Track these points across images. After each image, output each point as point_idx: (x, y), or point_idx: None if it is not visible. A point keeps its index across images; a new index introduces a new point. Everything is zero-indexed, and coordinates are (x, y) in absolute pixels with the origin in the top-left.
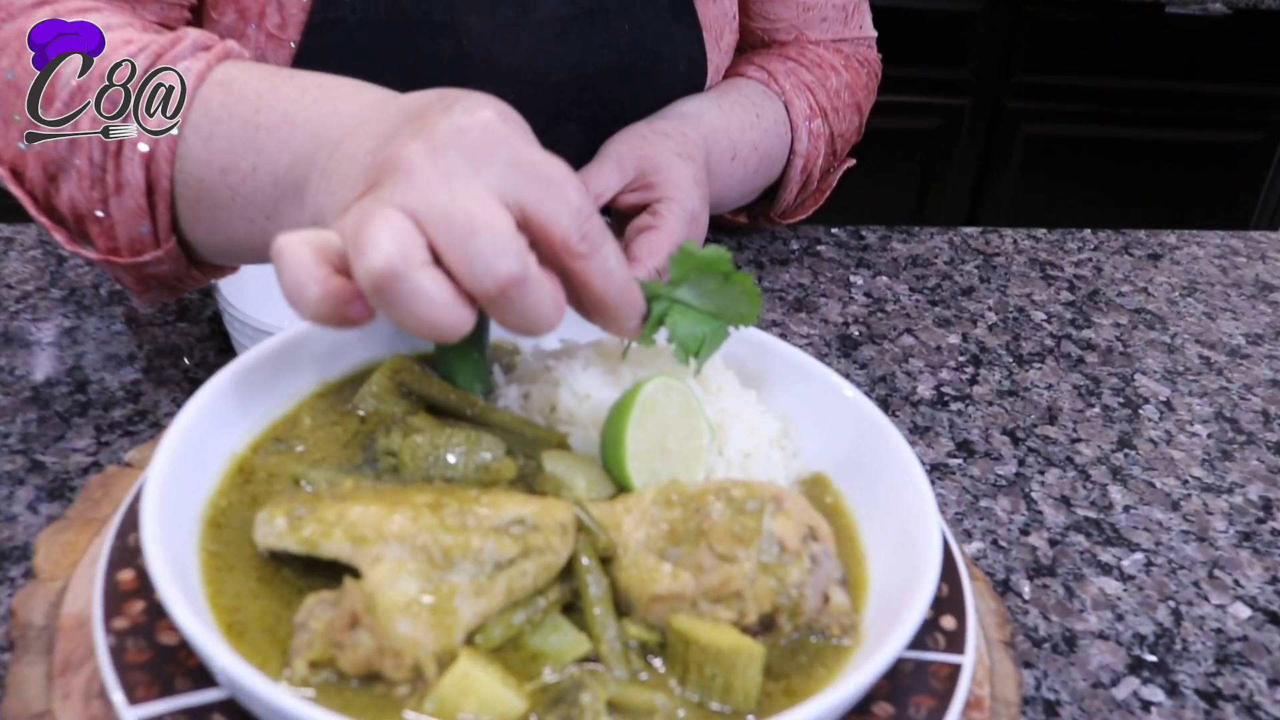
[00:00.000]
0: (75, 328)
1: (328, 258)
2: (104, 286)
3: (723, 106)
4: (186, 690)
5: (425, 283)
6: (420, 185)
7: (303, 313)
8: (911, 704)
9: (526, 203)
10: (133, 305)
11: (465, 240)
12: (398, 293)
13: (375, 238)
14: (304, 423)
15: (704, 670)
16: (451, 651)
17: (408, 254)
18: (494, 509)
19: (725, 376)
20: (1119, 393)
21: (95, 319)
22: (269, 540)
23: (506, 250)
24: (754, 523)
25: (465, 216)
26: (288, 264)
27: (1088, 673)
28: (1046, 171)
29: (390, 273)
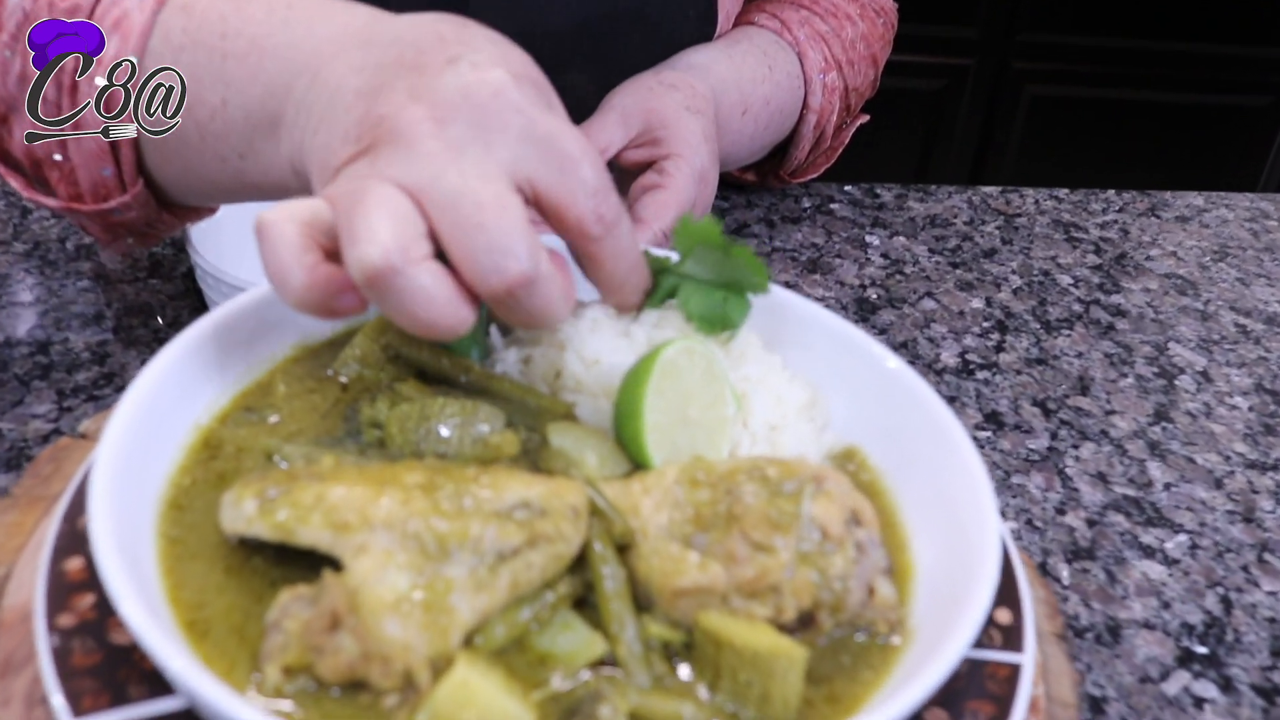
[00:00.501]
0: (38, 284)
1: (315, 238)
2: (70, 240)
3: (733, 57)
4: (141, 699)
5: (425, 279)
6: (423, 160)
7: (287, 300)
8: (967, 711)
9: (539, 182)
10: (101, 261)
11: (472, 234)
12: (394, 289)
13: (372, 225)
14: (278, 390)
15: (738, 676)
16: (447, 655)
17: (407, 247)
18: (495, 490)
19: (747, 340)
20: (1153, 362)
21: (60, 275)
22: (237, 526)
23: (517, 248)
24: (792, 506)
25: (474, 206)
26: (272, 247)
27: (1134, 666)
28: (1051, 134)
29: (387, 268)
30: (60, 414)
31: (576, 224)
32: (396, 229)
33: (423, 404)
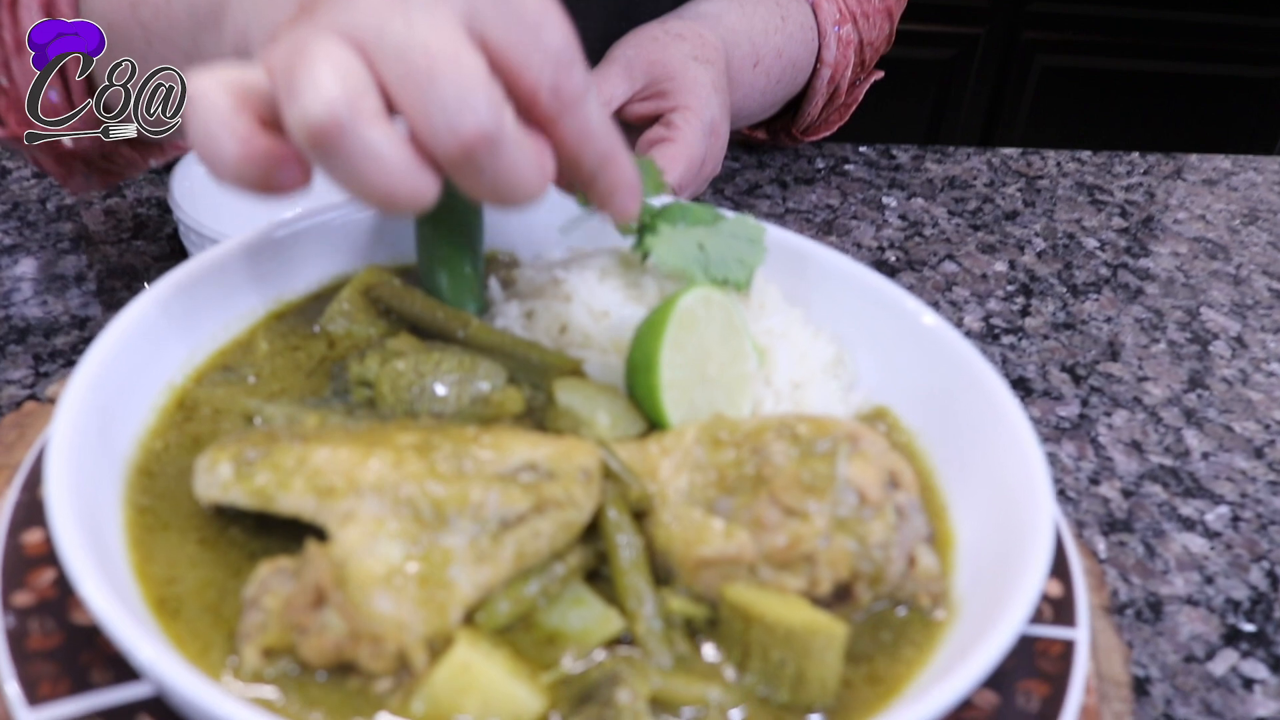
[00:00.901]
0: (16, 246)
1: (251, 105)
2: (51, 201)
3: (745, 7)
4: (106, 685)
5: (376, 138)
6: (367, 9)
7: (218, 175)
8: (1019, 692)
9: (493, 38)
10: (83, 222)
11: (424, 86)
12: (342, 149)
13: (314, 76)
14: (259, 347)
15: (770, 655)
16: (446, 634)
17: (354, 99)
18: (498, 451)
19: (767, 291)
20: (1185, 327)
21: (40, 236)
22: (211, 492)
23: (474, 101)
24: (826, 467)
25: (424, 53)
26: (199, 114)
27: (1178, 644)
28: (1061, 104)
29: (333, 124)
30: (36, 379)
31: (530, 92)
32: (341, 80)
33: (416, 360)
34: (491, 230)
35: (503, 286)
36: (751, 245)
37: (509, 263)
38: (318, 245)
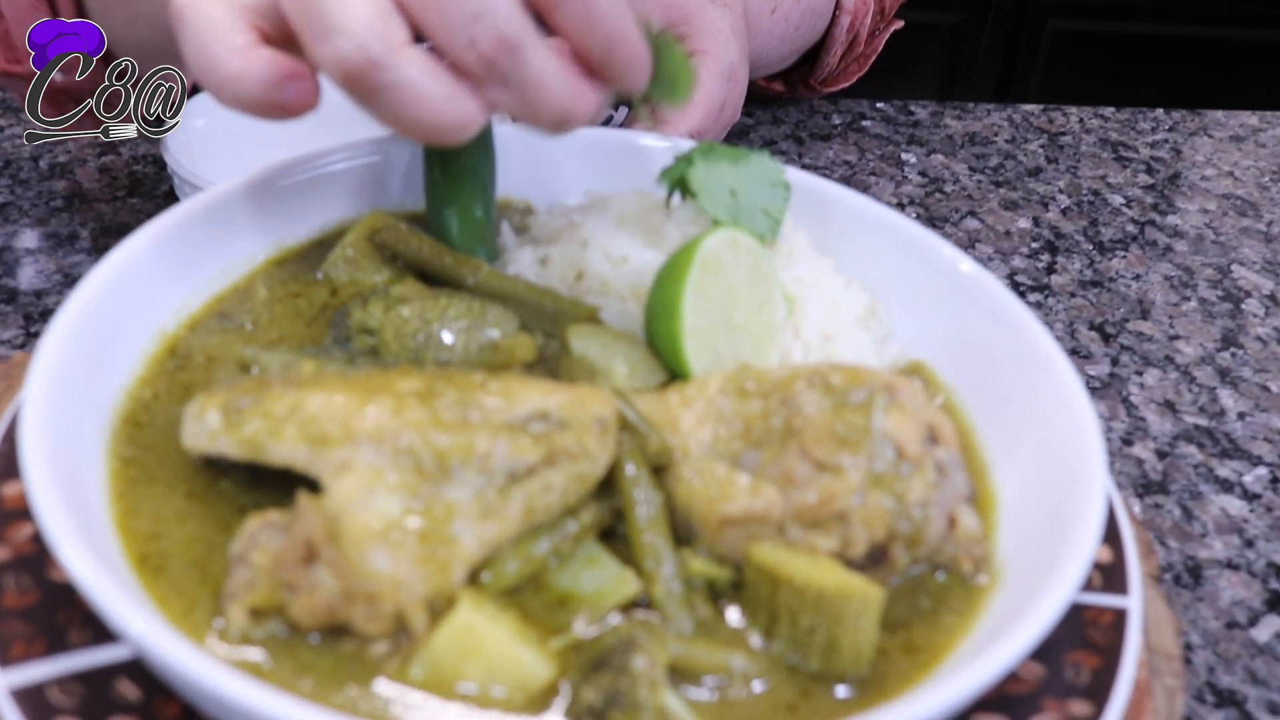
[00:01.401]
0: (7, 204)
1: (248, 16)
2: (44, 159)
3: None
4: (84, 645)
5: (412, 71)
6: None
7: (217, 95)
8: (1067, 664)
9: None
10: (77, 180)
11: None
12: (380, 87)
13: (342, 12)
14: (257, 294)
15: (799, 621)
16: (448, 595)
17: (384, 33)
18: (506, 399)
19: (796, 239)
20: (1216, 285)
21: (31, 194)
22: (199, 441)
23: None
24: (861, 419)
25: None
26: (193, 31)
27: (1220, 610)
28: (1076, 68)
29: (367, 63)
30: (27, 339)
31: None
32: (366, 12)
33: (422, 306)
34: (506, 177)
35: (516, 232)
36: (774, 190)
37: (524, 210)
38: (321, 190)
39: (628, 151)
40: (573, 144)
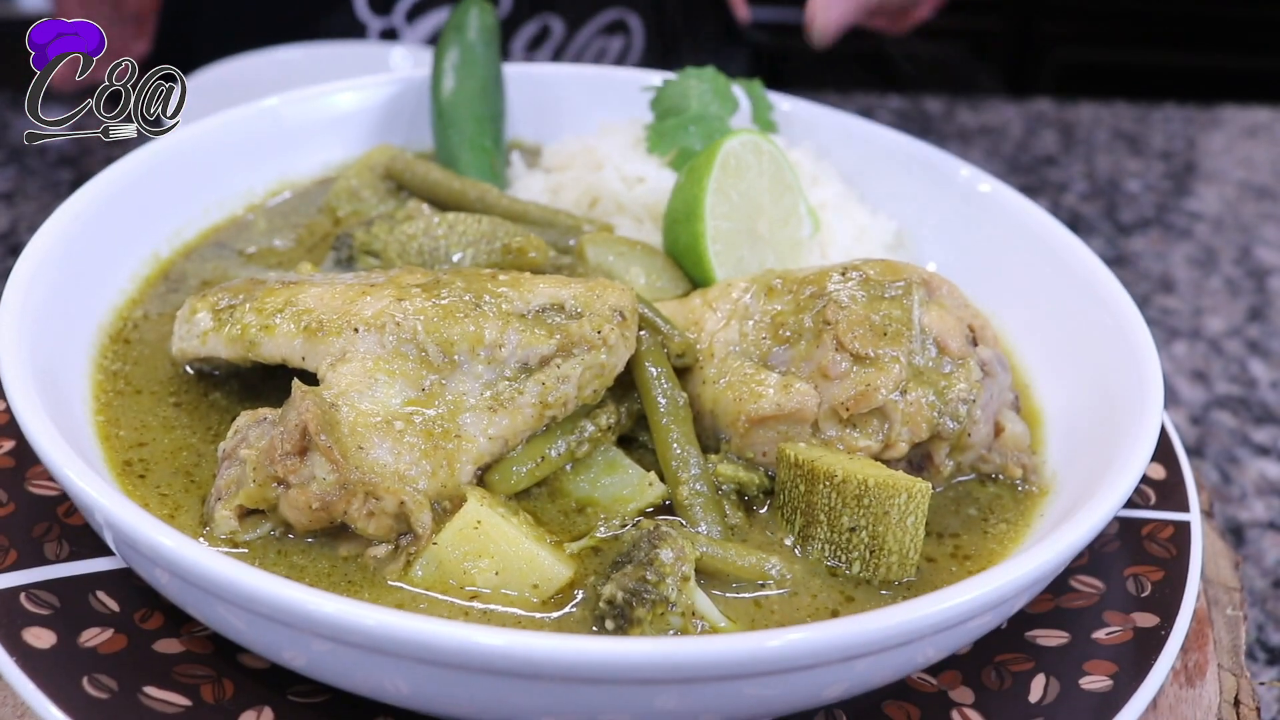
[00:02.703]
0: (15, 191)
1: None
2: (50, 150)
3: None
4: (63, 559)
5: None
6: None
7: None
8: (1128, 577)
9: None
10: (83, 169)
11: None
12: None
13: None
14: (256, 225)
15: (838, 520)
16: (455, 493)
17: None
18: (518, 289)
19: (822, 167)
20: (1239, 263)
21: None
22: (189, 345)
23: None
24: (900, 311)
25: None
26: None
27: (1265, 569)
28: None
29: None
30: None
31: None
32: None
33: (428, 224)
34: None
35: (527, 163)
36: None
37: (534, 150)
38: (324, 127)
39: (634, 89)
40: (580, 83)
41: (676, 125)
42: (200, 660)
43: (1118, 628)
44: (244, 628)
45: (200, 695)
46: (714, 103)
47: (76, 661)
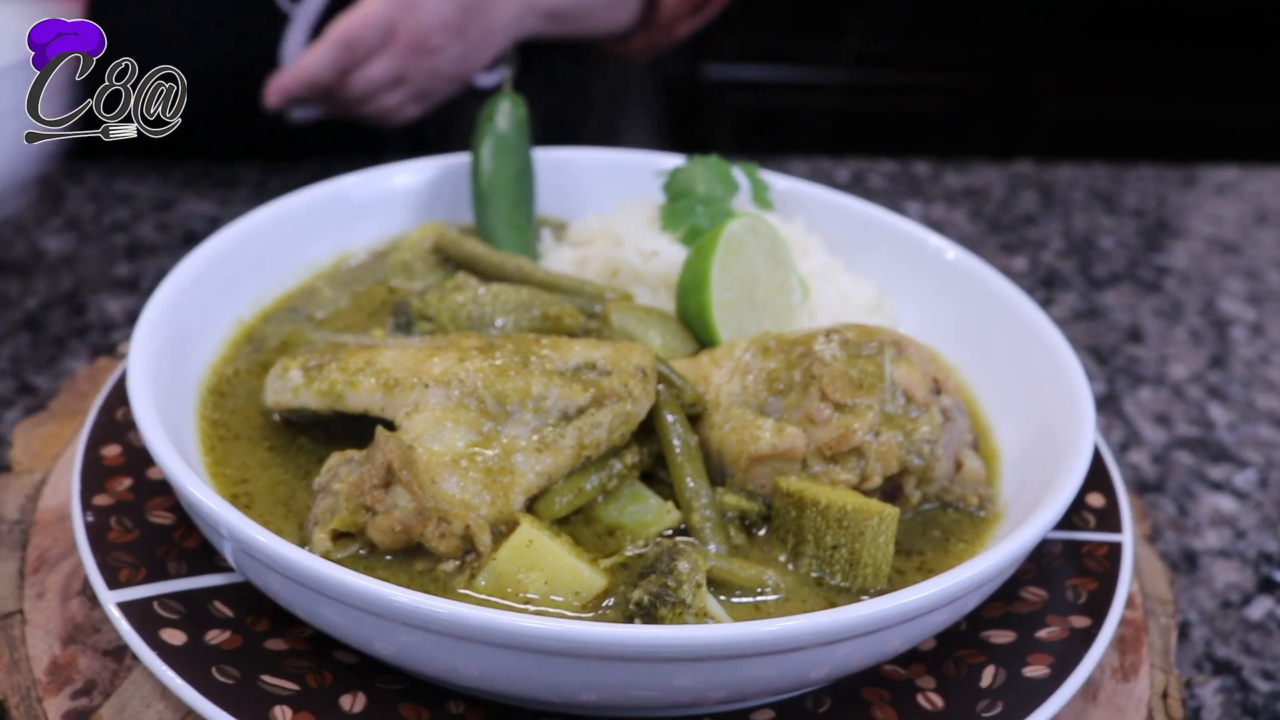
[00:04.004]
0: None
1: None
2: (106, 216)
3: None
4: (180, 575)
5: None
6: None
7: None
8: (1068, 587)
9: None
10: (134, 235)
11: None
12: None
13: None
14: (323, 293)
15: (823, 539)
16: (510, 519)
17: None
18: (558, 351)
19: (811, 240)
20: (1203, 314)
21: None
22: (282, 398)
23: None
24: (874, 367)
25: None
26: None
27: (1215, 592)
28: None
29: None
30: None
31: None
32: None
33: (475, 294)
34: (543, 197)
35: (555, 239)
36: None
37: (559, 225)
38: (379, 203)
39: (648, 171)
40: (601, 165)
41: (686, 206)
42: (303, 656)
43: (1057, 628)
44: (342, 622)
45: (306, 682)
46: (718, 186)
47: (205, 655)
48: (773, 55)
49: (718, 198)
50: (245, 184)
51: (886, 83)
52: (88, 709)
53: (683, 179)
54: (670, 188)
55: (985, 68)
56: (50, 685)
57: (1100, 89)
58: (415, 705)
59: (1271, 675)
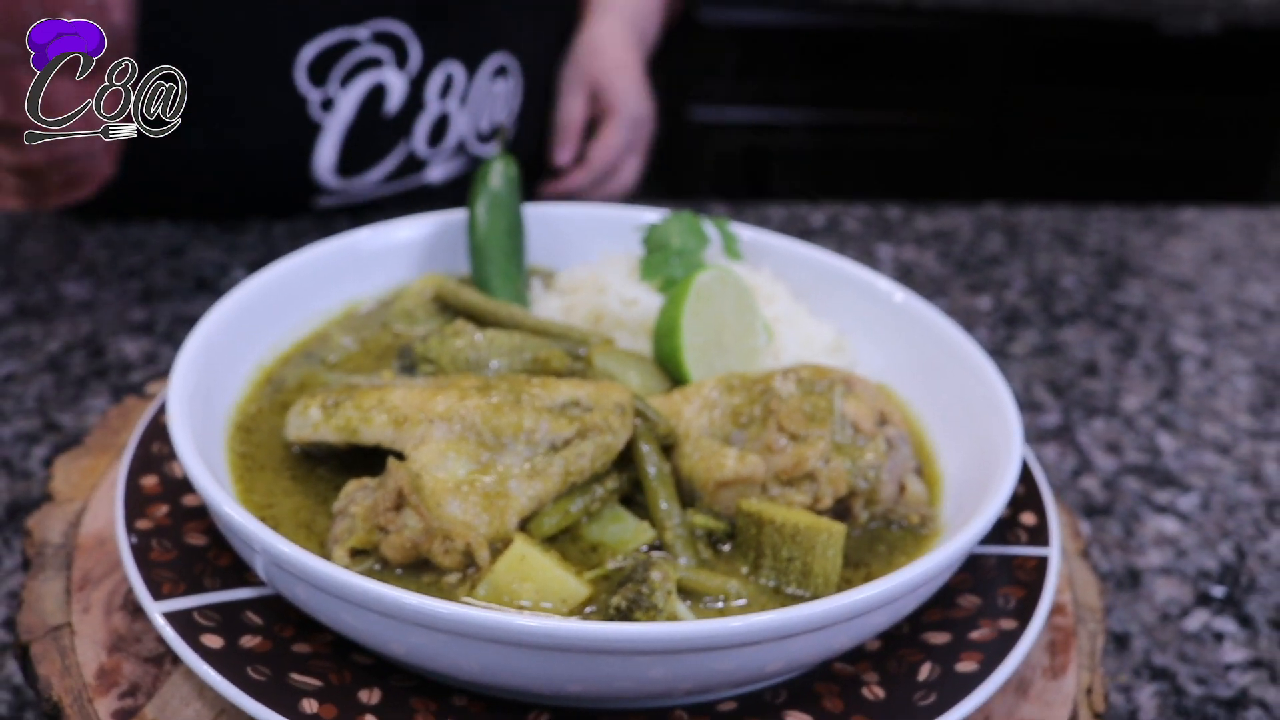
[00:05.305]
0: (93, 300)
1: None
2: (120, 261)
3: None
4: (215, 589)
5: None
6: None
7: None
8: (999, 595)
9: None
10: (149, 280)
11: None
12: None
13: None
14: (334, 339)
15: (780, 553)
16: (505, 537)
17: None
18: (546, 390)
19: (777, 287)
20: (1157, 349)
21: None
22: (303, 433)
23: None
24: (825, 402)
25: None
26: None
27: (1155, 606)
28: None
29: None
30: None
31: None
32: None
33: (472, 339)
34: (532, 248)
35: (544, 287)
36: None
37: (547, 274)
38: (383, 255)
39: (630, 224)
40: (585, 219)
41: (662, 258)
42: (325, 658)
43: (987, 629)
44: (360, 625)
45: (329, 679)
46: (691, 239)
47: (240, 657)
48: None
49: (691, 250)
50: (251, 231)
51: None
52: (133, 708)
53: (659, 233)
54: (648, 241)
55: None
56: (99, 688)
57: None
58: (424, 699)
59: (1204, 680)
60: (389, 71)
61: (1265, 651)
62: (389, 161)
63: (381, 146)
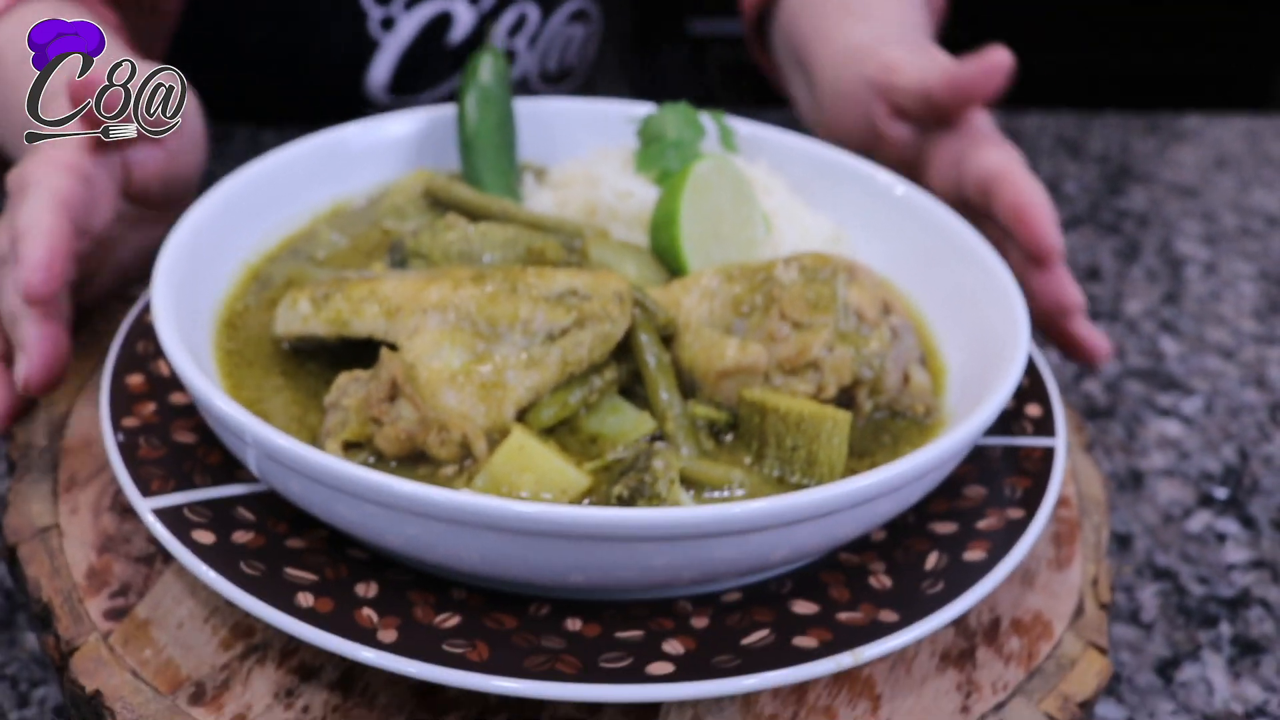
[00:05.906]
0: None
1: None
2: None
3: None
4: (206, 486)
5: None
6: None
7: None
8: (1006, 485)
9: None
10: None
11: None
12: None
13: None
14: (321, 235)
15: (783, 442)
16: (503, 427)
17: None
18: (543, 279)
19: (774, 180)
20: (1160, 254)
21: None
22: (292, 327)
23: None
24: (828, 290)
25: None
26: None
27: (1158, 508)
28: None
29: None
30: None
31: None
32: None
33: (464, 232)
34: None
35: (536, 182)
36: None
37: (539, 171)
38: (371, 151)
39: (622, 118)
40: (577, 114)
41: (658, 150)
42: (320, 552)
43: (994, 519)
44: (356, 517)
45: (324, 574)
46: (687, 131)
47: (233, 552)
48: None
49: (687, 142)
50: (240, 139)
51: None
52: (125, 607)
53: (654, 125)
54: (643, 133)
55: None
56: (89, 588)
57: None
58: (422, 592)
59: (1206, 580)
60: (459, 3)
61: (1267, 552)
62: (444, 87)
63: (439, 72)
